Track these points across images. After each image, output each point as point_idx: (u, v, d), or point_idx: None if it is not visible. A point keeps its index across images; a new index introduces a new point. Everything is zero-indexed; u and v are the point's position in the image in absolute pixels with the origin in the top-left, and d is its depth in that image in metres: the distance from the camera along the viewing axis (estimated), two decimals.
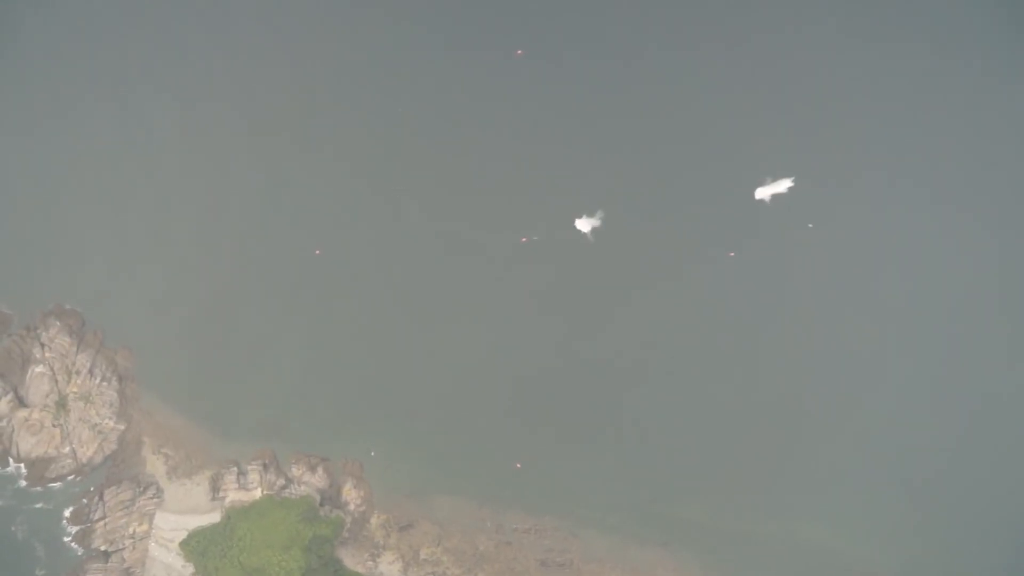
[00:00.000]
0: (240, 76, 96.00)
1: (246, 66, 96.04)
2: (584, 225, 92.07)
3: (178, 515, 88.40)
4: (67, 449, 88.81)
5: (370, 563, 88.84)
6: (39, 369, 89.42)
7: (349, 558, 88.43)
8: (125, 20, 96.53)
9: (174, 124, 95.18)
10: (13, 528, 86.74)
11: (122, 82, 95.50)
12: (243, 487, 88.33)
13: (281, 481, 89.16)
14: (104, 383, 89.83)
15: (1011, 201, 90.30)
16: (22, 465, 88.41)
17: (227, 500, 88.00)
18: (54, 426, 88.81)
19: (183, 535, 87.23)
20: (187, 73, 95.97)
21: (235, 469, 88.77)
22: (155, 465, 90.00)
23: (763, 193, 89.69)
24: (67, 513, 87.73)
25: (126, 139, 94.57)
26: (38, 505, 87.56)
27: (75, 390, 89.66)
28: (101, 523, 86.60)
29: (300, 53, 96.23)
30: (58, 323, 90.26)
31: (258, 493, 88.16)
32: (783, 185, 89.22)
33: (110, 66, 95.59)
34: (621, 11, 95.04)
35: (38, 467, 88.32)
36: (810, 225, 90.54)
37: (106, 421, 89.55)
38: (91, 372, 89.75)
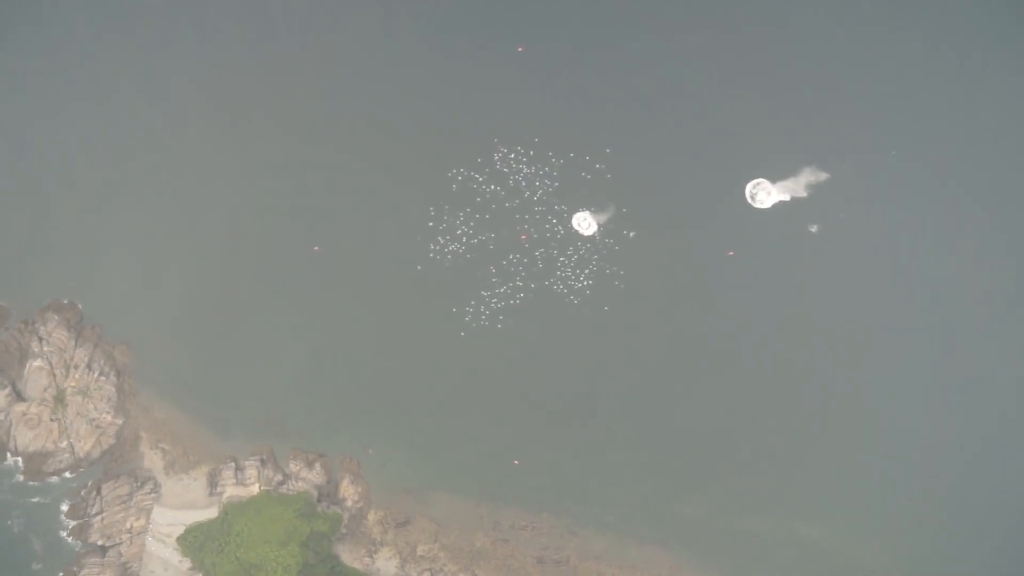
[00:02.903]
0: (238, 74, 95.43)
1: (247, 65, 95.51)
2: (584, 223, 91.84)
3: (175, 510, 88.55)
4: (65, 443, 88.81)
5: (367, 559, 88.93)
6: (37, 363, 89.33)
7: (346, 554, 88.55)
8: (126, 17, 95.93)
9: (173, 121, 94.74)
10: (10, 522, 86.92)
11: (123, 79, 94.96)
12: (240, 483, 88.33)
13: (279, 477, 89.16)
14: (102, 378, 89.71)
15: (1013, 197, 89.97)
16: (20, 459, 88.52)
17: (224, 495, 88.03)
18: (52, 420, 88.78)
19: (180, 530, 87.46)
20: (187, 71, 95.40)
21: (233, 465, 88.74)
22: (153, 460, 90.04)
23: (763, 200, 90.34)
24: (64, 507, 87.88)
25: (126, 135, 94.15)
26: (35, 499, 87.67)
27: (73, 384, 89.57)
28: (98, 518, 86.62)
29: (301, 49, 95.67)
30: (56, 317, 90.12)
31: (255, 489, 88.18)
32: (787, 190, 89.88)
33: (110, 63, 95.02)
34: (624, 7, 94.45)
35: (36, 461, 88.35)
36: (812, 228, 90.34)
37: (104, 416, 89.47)
38: (89, 367, 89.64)
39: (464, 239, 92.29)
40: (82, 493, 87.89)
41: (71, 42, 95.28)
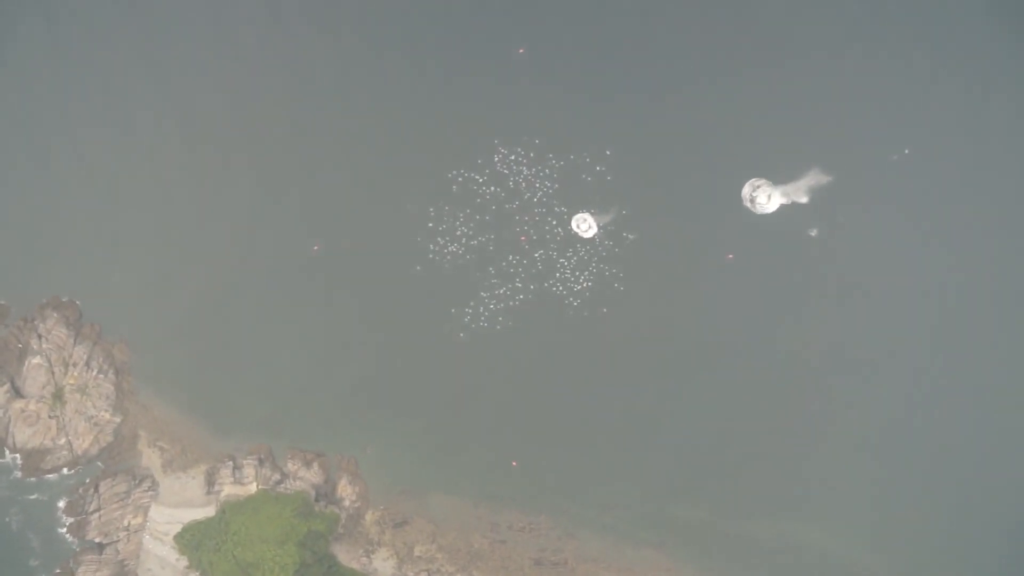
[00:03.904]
0: (238, 72, 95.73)
1: (245, 62, 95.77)
2: (583, 225, 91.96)
3: (173, 508, 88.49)
4: (63, 441, 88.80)
5: (364, 559, 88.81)
6: (36, 360, 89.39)
7: (343, 554, 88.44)
8: (124, 15, 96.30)
9: (173, 118, 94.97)
10: (8, 519, 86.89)
11: (122, 76, 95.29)
12: (238, 481, 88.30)
13: (276, 476, 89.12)
14: (101, 375, 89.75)
15: (1011, 201, 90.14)
16: (18, 456, 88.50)
17: (222, 494, 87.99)
18: (50, 417, 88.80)
19: (178, 528, 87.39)
20: (185, 68, 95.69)
21: (230, 463, 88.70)
22: (151, 458, 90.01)
23: (763, 204, 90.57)
24: (62, 504, 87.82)
25: (126, 133, 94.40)
26: (33, 496, 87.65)
27: (72, 382, 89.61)
28: (96, 515, 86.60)
29: (300, 49, 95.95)
30: (55, 315, 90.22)
31: (253, 488, 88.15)
32: (786, 194, 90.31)
33: (109, 60, 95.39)
34: (625, 9, 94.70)
35: (34, 458, 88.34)
36: (812, 232, 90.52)
37: (102, 413, 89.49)
38: (88, 364, 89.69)
39: (464, 240, 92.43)
40: (80, 490, 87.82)
41: (78, 40, 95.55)
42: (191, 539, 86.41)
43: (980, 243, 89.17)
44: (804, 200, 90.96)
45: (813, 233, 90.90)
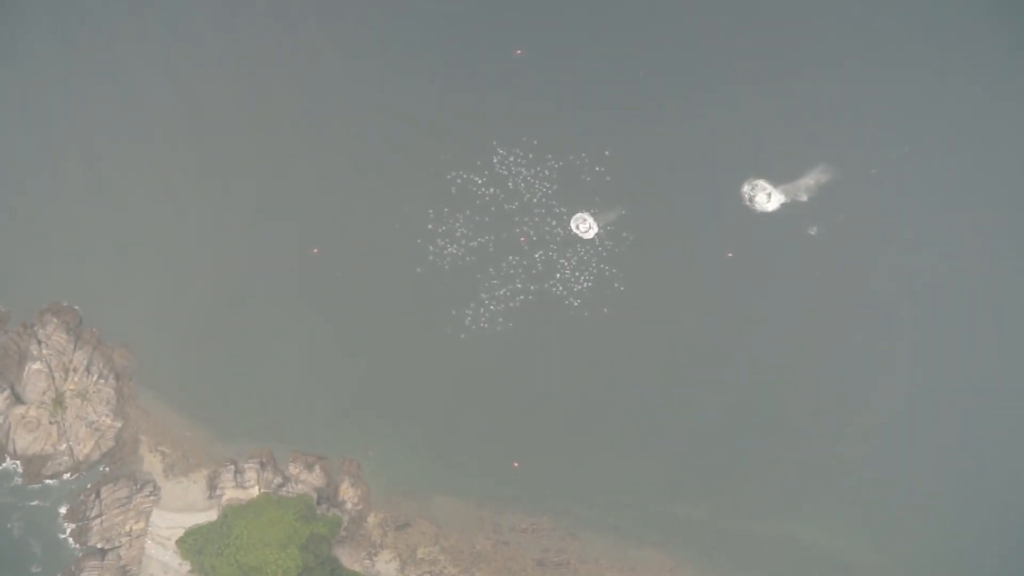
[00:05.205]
0: (240, 74, 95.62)
1: (246, 64, 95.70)
2: (583, 225, 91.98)
3: (175, 513, 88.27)
4: (64, 446, 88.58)
5: (367, 562, 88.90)
6: (36, 366, 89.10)
7: (346, 557, 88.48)
8: (126, 16, 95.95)
9: (173, 121, 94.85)
10: (9, 525, 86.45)
11: (123, 79, 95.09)
12: (240, 485, 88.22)
13: (278, 479, 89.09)
14: (101, 380, 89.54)
15: (1011, 201, 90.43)
16: (18, 462, 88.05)
17: (224, 498, 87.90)
18: (51, 423, 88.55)
19: (180, 533, 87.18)
20: (187, 70, 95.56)
21: (232, 467, 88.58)
22: (152, 463, 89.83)
23: (763, 202, 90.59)
24: (63, 510, 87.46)
25: (125, 136, 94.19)
26: (34, 502, 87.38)
27: (72, 387, 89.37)
28: (98, 520, 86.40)
29: (302, 51, 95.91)
30: (55, 320, 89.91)
31: (255, 491, 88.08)
32: (785, 193, 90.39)
33: (110, 62, 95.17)
34: (623, 9, 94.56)
35: (35, 464, 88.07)
36: (811, 231, 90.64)
37: (103, 419, 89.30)
38: (88, 369, 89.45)
39: (464, 241, 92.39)
40: (81, 496, 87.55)
41: (84, 42, 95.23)
42: (193, 543, 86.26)
43: (980, 242, 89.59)
44: (804, 199, 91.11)
45: (813, 232, 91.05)
